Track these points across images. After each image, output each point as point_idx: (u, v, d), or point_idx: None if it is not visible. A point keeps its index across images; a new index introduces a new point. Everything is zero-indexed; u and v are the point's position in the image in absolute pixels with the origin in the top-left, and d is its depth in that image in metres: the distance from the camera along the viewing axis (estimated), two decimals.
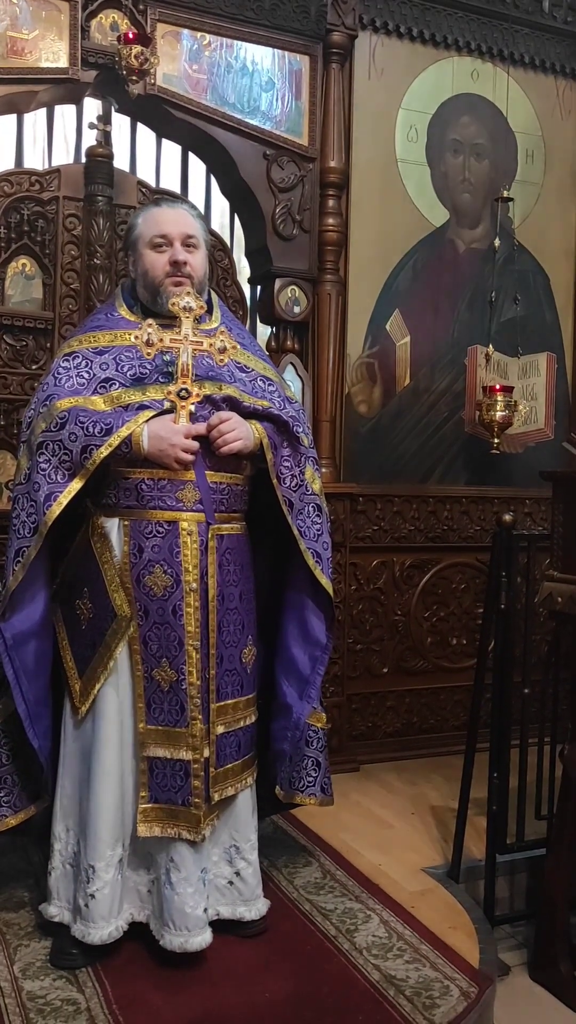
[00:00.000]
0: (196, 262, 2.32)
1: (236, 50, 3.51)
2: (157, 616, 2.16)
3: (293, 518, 2.34)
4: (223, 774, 2.23)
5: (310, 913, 2.46)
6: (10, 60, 3.14)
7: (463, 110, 3.98)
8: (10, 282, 3.27)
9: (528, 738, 2.84)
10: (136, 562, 2.17)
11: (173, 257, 2.28)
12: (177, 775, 2.16)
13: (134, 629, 2.16)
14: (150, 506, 2.17)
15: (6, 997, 2.04)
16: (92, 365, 2.23)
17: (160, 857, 2.20)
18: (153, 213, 2.36)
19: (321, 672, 2.44)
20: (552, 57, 4.10)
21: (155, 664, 2.16)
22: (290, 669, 2.44)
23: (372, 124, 3.78)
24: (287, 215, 3.61)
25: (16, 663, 2.12)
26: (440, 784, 3.54)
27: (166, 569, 2.16)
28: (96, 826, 2.15)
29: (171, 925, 2.16)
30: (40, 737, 2.17)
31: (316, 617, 2.43)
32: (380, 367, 3.86)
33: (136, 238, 2.35)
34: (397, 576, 3.91)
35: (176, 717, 2.16)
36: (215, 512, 2.21)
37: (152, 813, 2.17)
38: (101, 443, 2.08)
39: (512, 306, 4.00)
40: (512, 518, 2.78)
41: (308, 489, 2.39)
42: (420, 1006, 2.06)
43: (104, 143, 3.33)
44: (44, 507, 2.09)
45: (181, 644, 2.16)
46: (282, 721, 2.43)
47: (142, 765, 2.18)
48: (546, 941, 2.61)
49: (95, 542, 2.19)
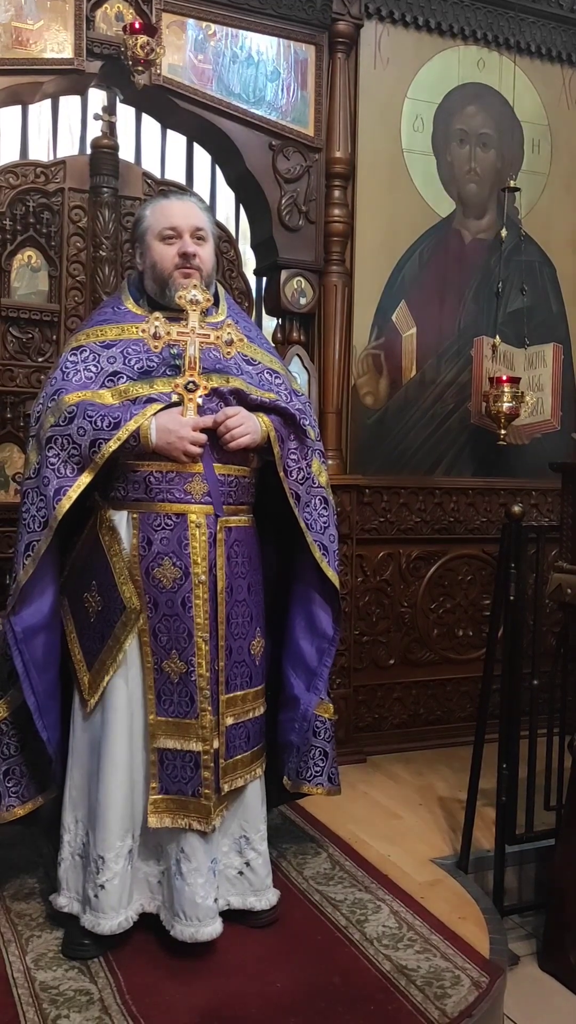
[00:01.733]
0: (205, 255, 2.31)
1: (241, 40, 3.49)
2: (166, 608, 2.16)
3: (300, 511, 2.34)
4: (233, 765, 2.24)
5: (320, 903, 2.47)
6: (15, 51, 3.13)
7: (469, 100, 3.96)
8: (16, 274, 3.26)
9: (537, 729, 2.84)
10: (145, 554, 2.17)
11: (183, 249, 2.27)
12: (187, 766, 2.17)
13: (143, 621, 2.17)
14: (159, 499, 2.17)
15: (19, 988, 2.05)
16: (100, 359, 2.23)
17: (170, 848, 2.21)
18: (162, 205, 2.35)
19: (328, 664, 2.44)
20: (559, 46, 4.07)
21: (165, 656, 2.17)
22: (298, 661, 2.44)
23: (378, 114, 3.76)
24: (293, 206, 3.59)
25: (26, 656, 2.13)
26: (447, 775, 3.54)
27: (175, 561, 2.16)
28: (106, 817, 2.16)
29: (182, 915, 2.17)
30: (49, 729, 2.18)
31: (323, 610, 2.43)
32: (386, 358, 3.85)
33: (144, 230, 2.34)
34: (403, 568, 3.91)
35: (186, 708, 2.17)
36: (223, 504, 2.22)
37: (162, 804, 2.18)
38: (109, 437, 2.08)
39: (518, 296, 3.99)
40: (521, 509, 2.78)
41: (315, 482, 2.39)
42: (431, 996, 2.06)
43: (109, 134, 3.32)
44: (54, 501, 2.09)
45: (191, 636, 2.16)
46: (290, 712, 2.44)
47: (152, 756, 2.18)
48: (555, 931, 2.62)
49: (103, 535, 2.19)
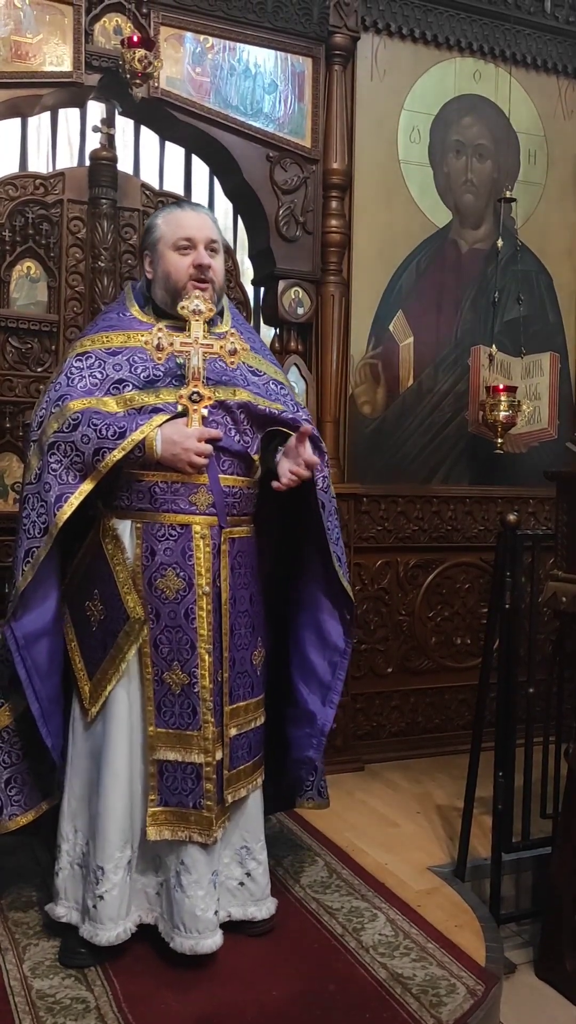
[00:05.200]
0: (218, 267, 2.30)
1: (239, 53, 3.52)
2: (169, 619, 2.16)
3: (326, 519, 2.31)
4: (236, 776, 2.24)
5: (316, 912, 2.47)
6: (14, 64, 3.16)
7: (465, 111, 3.99)
8: (15, 285, 3.28)
9: (533, 737, 2.85)
10: (148, 564, 2.16)
11: (198, 260, 2.25)
12: (188, 778, 2.16)
13: (145, 631, 2.16)
14: (163, 509, 2.16)
15: (16, 996, 2.06)
16: (105, 365, 2.22)
17: (169, 860, 2.20)
18: (176, 215, 2.33)
19: (342, 677, 2.38)
20: (554, 57, 4.11)
21: (166, 667, 2.16)
22: (310, 675, 2.39)
23: (375, 125, 3.79)
24: (290, 217, 3.62)
25: (28, 662, 2.12)
26: (445, 783, 3.55)
27: (178, 572, 2.15)
28: (105, 828, 2.15)
29: (181, 928, 2.16)
30: (53, 736, 2.18)
31: (333, 620, 2.39)
32: (384, 368, 3.87)
33: (157, 239, 2.31)
34: (401, 576, 3.93)
35: (188, 720, 2.15)
36: (227, 515, 2.21)
37: (162, 816, 2.17)
38: (114, 446, 2.07)
39: (515, 306, 4.02)
40: (516, 518, 2.79)
41: (332, 492, 2.37)
42: (427, 1004, 2.07)
43: (108, 146, 3.34)
44: (55, 508, 2.08)
45: (193, 647, 2.15)
46: (306, 729, 2.38)
47: (151, 768, 2.17)
48: (552, 939, 2.63)
49: (106, 544, 2.18)
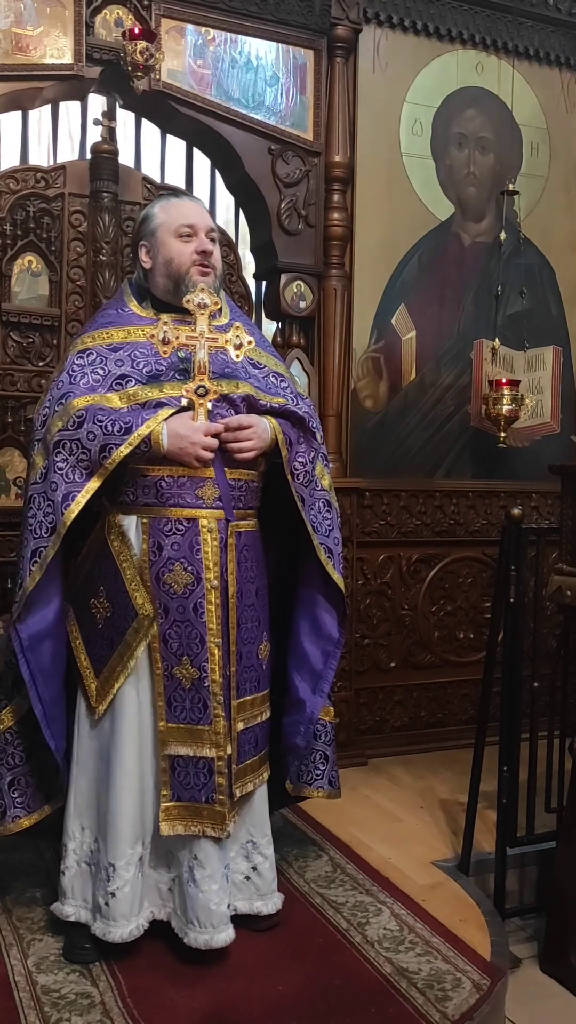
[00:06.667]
0: (217, 256, 2.32)
1: (240, 45, 3.50)
2: (177, 614, 2.15)
3: (305, 513, 2.34)
4: (243, 770, 2.24)
5: (321, 906, 2.47)
6: (15, 57, 3.14)
7: (468, 103, 3.97)
8: (16, 279, 3.27)
9: (538, 731, 2.85)
10: (155, 560, 2.15)
11: (201, 247, 2.26)
12: (200, 773, 2.15)
13: (154, 627, 2.15)
14: (169, 504, 2.15)
15: (21, 991, 2.06)
16: (107, 362, 2.21)
17: (182, 855, 2.19)
18: (175, 204, 2.34)
19: (334, 667, 2.44)
20: (557, 49, 4.09)
21: (175, 662, 2.15)
22: (303, 664, 2.43)
23: (377, 118, 3.77)
24: (292, 210, 3.60)
25: (32, 664, 2.10)
26: (448, 778, 3.54)
27: (186, 567, 2.14)
28: (116, 825, 2.14)
29: (196, 923, 2.15)
30: (56, 737, 2.16)
31: (327, 612, 2.43)
32: (386, 361, 3.86)
33: (156, 227, 2.31)
34: (404, 571, 3.92)
35: (199, 715, 2.15)
36: (233, 509, 2.21)
37: (175, 811, 2.16)
38: (120, 442, 2.06)
39: (518, 299, 4.00)
40: (521, 512, 2.78)
41: (318, 485, 2.39)
42: (432, 999, 2.06)
43: (109, 139, 3.33)
44: (62, 507, 2.07)
45: (203, 641, 2.15)
46: (295, 716, 2.43)
47: (163, 764, 2.17)
48: (557, 933, 2.63)
49: (112, 540, 2.17)
